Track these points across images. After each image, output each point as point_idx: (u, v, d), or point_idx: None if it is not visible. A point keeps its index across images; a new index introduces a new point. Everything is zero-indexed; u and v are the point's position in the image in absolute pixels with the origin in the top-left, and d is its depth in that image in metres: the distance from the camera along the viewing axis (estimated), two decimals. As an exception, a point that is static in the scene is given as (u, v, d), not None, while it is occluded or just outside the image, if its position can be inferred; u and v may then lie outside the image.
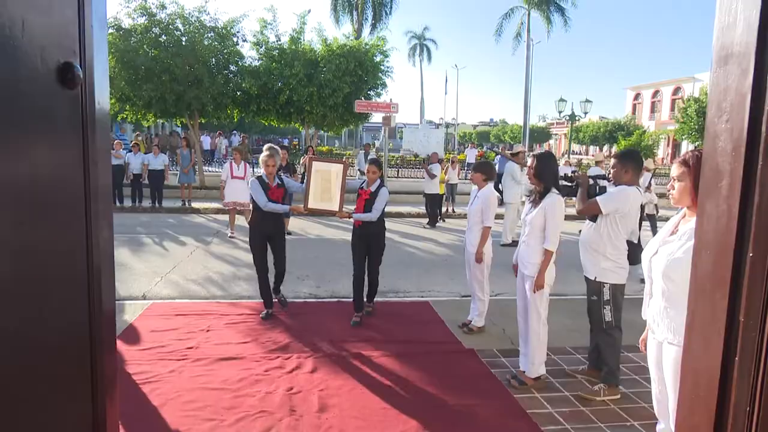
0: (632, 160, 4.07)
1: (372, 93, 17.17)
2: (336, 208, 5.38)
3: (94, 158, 1.02)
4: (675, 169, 2.49)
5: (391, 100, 18.27)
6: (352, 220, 5.54)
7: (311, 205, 5.37)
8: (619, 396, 4.06)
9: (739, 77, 1.05)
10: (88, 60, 1.00)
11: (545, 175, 4.09)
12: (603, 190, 4.18)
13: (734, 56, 1.07)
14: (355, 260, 5.63)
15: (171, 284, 6.92)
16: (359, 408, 3.73)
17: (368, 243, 5.60)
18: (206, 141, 27.61)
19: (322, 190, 5.36)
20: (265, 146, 5.76)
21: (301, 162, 13.59)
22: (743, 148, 1.03)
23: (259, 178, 5.55)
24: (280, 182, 5.62)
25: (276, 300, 5.84)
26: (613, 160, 4.16)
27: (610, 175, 4.20)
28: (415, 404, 3.81)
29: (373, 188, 5.49)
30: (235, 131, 36.72)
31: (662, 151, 41.24)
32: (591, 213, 4.06)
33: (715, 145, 1.12)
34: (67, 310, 1.05)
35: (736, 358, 1.07)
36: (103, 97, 1.06)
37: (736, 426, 1.08)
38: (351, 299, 5.48)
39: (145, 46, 14.38)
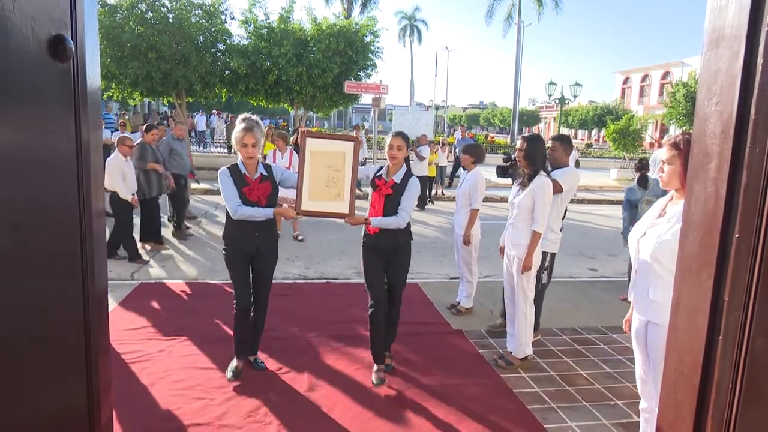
0: (570, 144, 4.73)
1: (362, 74, 16.99)
2: (345, 209, 3.57)
3: (86, 133, 1.01)
4: (665, 152, 2.49)
5: (381, 81, 18.12)
6: (363, 226, 3.84)
7: (307, 205, 3.57)
8: (539, 337, 4.70)
9: (730, 60, 1.06)
10: (80, 33, 0.99)
11: (535, 158, 4.11)
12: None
13: (725, 39, 1.07)
14: (371, 284, 3.81)
15: (160, 264, 6.89)
16: (348, 387, 3.77)
17: (389, 260, 3.81)
18: (201, 121, 26.30)
19: (324, 181, 3.56)
20: (240, 117, 3.69)
21: (292, 140, 11.41)
22: (732, 131, 1.04)
23: (233, 168, 3.64)
24: (265, 173, 3.68)
25: (251, 359, 4.00)
26: (553, 143, 4.65)
27: (550, 157, 4.59)
28: (403, 384, 3.86)
29: (397, 178, 3.73)
30: (213, 111, 34.97)
31: (650, 135, 41.48)
32: (554, 193, 4.36)
33: (704, 127, 1.13)
34: (60, 289, 1.05)
35: (720, 337, 1.09)
36: (94, 72, 1.05)
37: (719, 403, 1.11)
38: (339, 280, 5.40)
39: (131, 23, 14.08)
